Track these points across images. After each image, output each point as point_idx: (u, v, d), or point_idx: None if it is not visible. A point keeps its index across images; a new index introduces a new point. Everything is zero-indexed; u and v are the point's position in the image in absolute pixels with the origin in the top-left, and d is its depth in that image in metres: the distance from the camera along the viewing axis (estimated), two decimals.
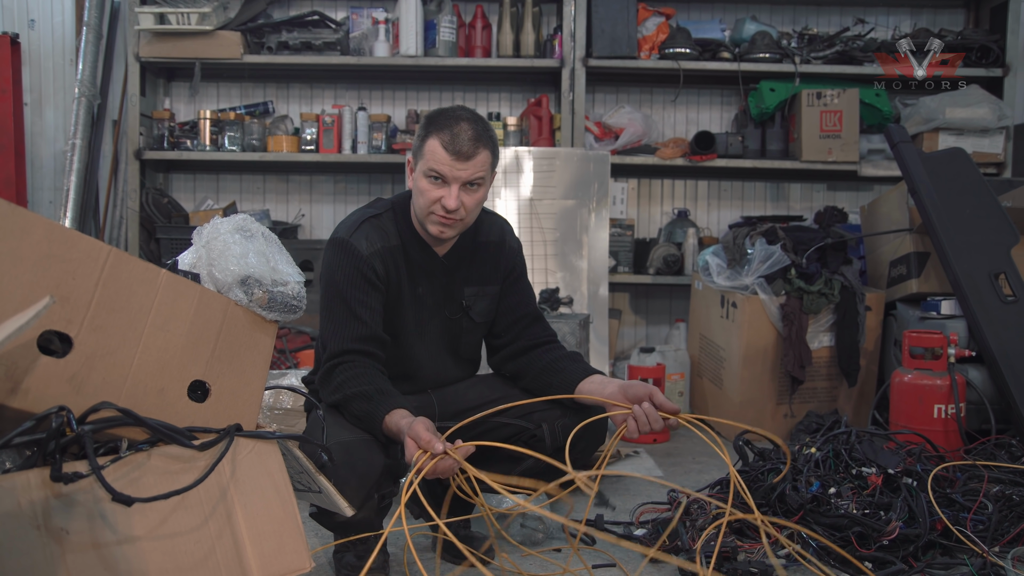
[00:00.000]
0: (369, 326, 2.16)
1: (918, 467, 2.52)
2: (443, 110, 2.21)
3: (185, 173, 5.01)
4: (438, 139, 2.15)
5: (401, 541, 2.42)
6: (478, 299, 2.36)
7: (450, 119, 2.16)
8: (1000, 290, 3.35)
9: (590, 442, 2.32)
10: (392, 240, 2.23)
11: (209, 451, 1.53)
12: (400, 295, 2.25)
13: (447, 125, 2.16)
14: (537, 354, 2.36)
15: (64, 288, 1.44)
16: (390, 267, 2.22)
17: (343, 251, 2.19)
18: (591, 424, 2.28)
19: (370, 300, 2.17)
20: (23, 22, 4.91)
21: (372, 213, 2.26)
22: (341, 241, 2.20)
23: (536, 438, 2.28)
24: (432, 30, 4.57)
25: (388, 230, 2.24)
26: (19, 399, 1.39)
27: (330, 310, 2.18)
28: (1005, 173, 4.51)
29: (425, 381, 2.35)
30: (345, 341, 2.14)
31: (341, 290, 2.16)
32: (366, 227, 2.22)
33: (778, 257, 3.76)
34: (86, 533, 1.38)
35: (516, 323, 2.39)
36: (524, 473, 2.23)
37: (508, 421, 2.29)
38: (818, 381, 3.84)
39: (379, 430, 2.06)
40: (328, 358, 2.16)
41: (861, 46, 4.66)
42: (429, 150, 2.16)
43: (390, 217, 2.26)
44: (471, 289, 2.34)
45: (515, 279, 2.42)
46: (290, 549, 1.58)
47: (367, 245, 2.19)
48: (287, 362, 4.00)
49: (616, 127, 4.64)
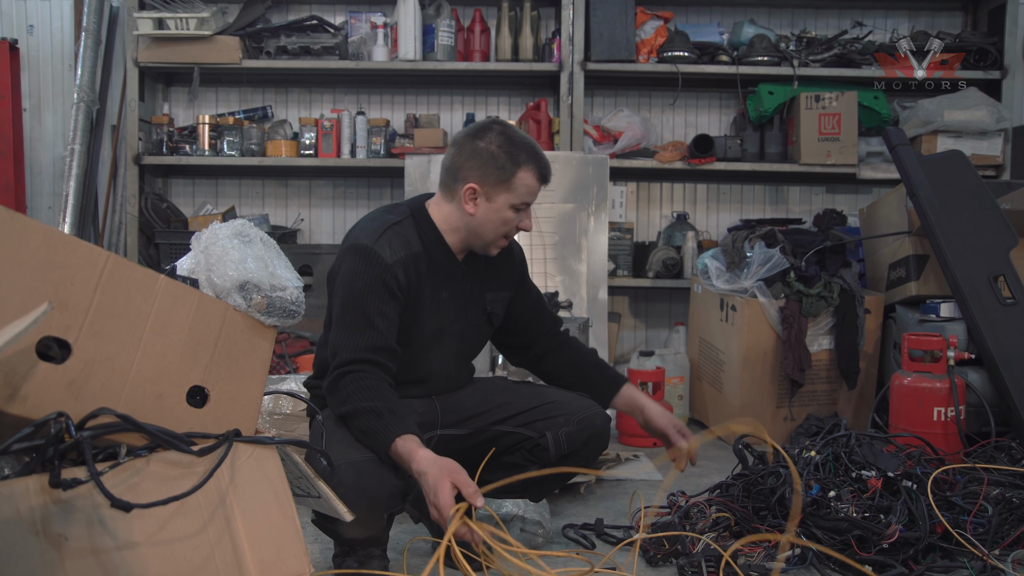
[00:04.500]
0: (384, 336, 2.11)
1: (918, 470, 2.52)
2: (508, 135, 2.19)
3: (184, 178, 5.01)
4: (532, 172, 2.18)
5: (401, 546, 2.42)
6: (497, 304, 2.37)
7: (529, 147, 2.19)
8: (999, 292, 3.35)
9: (594, 449, 2.32)
10: (414, 247, 2.20)
11: (208, 456, 1.53)
12: (421, 301, 2.22)
13: (533, 155, 2.19)
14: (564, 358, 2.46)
15: (63, 294, 1.44)
16: (411, 275, 2.18)
17: (367, 258, 2.14)
18: (594, 434, 2.28)
19: (388, 310, 2.13)
20: (22, 28, 4.91)
21: (393, 220, 2.22)
22: (365, 248, 2.15)
23: (540, 447, 2.27)
24: (431, 34, 4.58)
25: (410, 237, 2.21)
26: (18, 405, 1.39)
27: (345, 317, 2.12)
28: (1004, 175, 4.51)
29: (434, 387, 2.33)
30: (358, 350, 2.08)
31: (360, 297, 2.11)
32: (389, 234, 2.18)
33: (777, 260, 3.76)
34: (85, 539, 1.38)
35: (534, 322, 2.46)
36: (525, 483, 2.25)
37: (511, 430, 2.29)
38: (818, 384, 3.84)
39: (385, 451, 2.01)
40: (338, 365, 2.10)
41: (859, 49, 4.66)
42: (523, 183, 2.18)
43: (410, 224, 2.23)
44: (491, 295, 2.35)
45: (525, 280, 2.47)
46: (289, 554, 1.58)
47: (391, 253, 2.14)
48: (286, 367, 3.99)
49: (615, 131, 4.65)
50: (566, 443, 2.26)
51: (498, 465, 2.30)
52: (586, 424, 2.27)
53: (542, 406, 2.30)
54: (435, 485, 1.91)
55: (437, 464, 1.94)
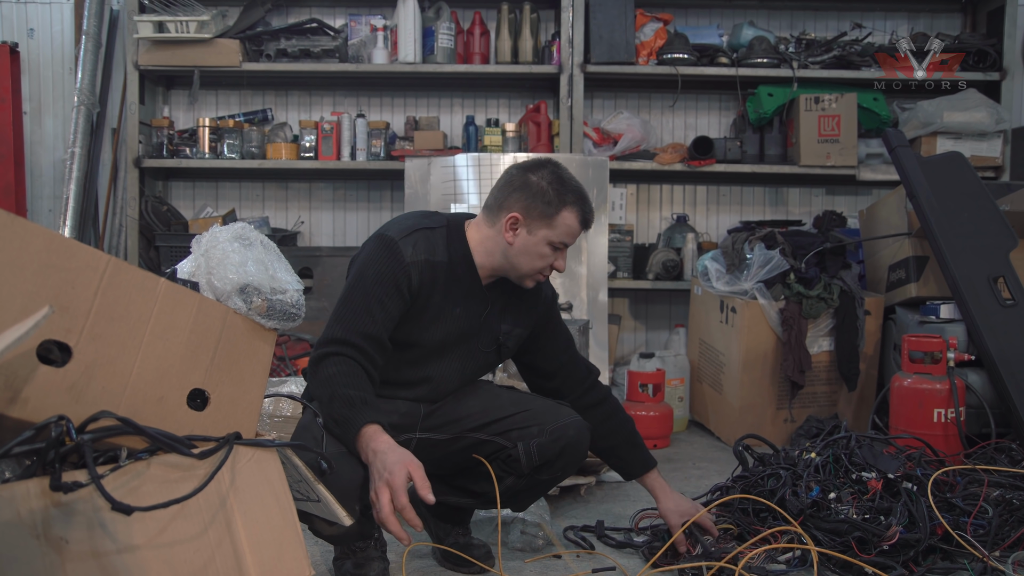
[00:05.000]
0: (378, 326, 2.11)
1: (918, 471, 2.52)
2: (560, 175, 2.21)
3: (184, 181, 5.02)
4: (576, 214, 2.20)
5: (400, 549, 2.42)
6: (510, 338, 2.34)
7: (578, 191, 2.22)
8: (999, 294, 3.35)
9: (569, 460, 2.29)
10: (438, 256, 2.20)
11: (208, 459, 1.53)
12: (429, 308, 2.21)
13: (580, 199, 2.21)
14: (601, 422, 2.44)
15: (63, 298, 1.44)
16: (426, 280, 2.18)
17: (386, 249, 2.15)
18: (568, 445, 2.26)
19: (390, 304, 2.13)
20: (22, 31, 4.92)
21: (428, 225, 2.23)
22: (389, 240, 2.16)
23: (512, 457, 2.26)
24: (430, 37, 4.58)
25: (437, 245, 2.21)
26: (18, 409, 1.39)
27: (348, 297, 2.14)
28: (1003, 177, 4.51)
29: (426, 395, 2.31)
30: (349, 332, 2.08)
31: (367, 283, 2.12)
32: (417, 235, 2.19)
33: (777, 262, 3.76)
34: (86, 542, 1.38)
35: (566, 366, 2.44)
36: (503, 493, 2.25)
37: (487, 438, 2.27)
38: (818, 386, 3.84)
39: (353, 439, 2.00)
40: (326, 341, 2.10)
41: (859, 51, 4.67)
42: (565, 224, 2.19)
43: (443, 234, 2.23)
44: (507, 327, 2.33)
45: (555, 323, 2.45)
46: (289, 557, 1.58)
47: (412, 252, 2.15)
48: (286, 369, 3.99)
49: (615, 133, 4.65)
50: (537, 454, 2.24)
51: (479, 475, 2.30)
52: (559, 435, 2.24)
53: (518, 414, 2.28)
54: (393, 466, 1.89)
55: (400, 451, 1.94)
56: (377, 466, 1.92)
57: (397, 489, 1.87)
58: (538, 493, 2.37)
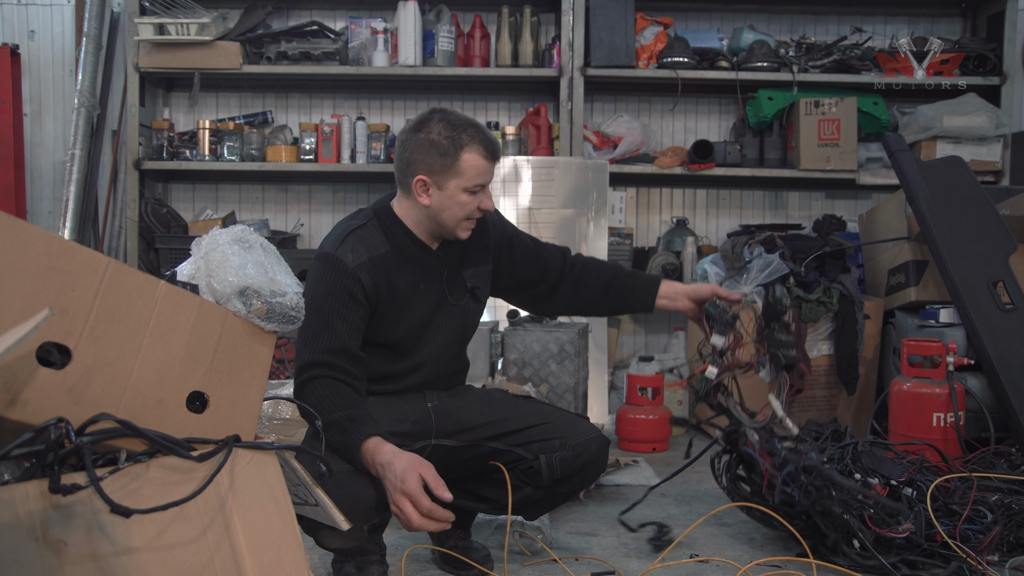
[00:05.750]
0: (342, 338, 2.11)
1: (918, 478, 2.52)
2: (448, 120, 2.18)
3: (184, 183, 5.02)
4: (476, 152, 2.16)
5: (400, 552, 2.42)
6: (478, 278, 2.36)
7: (470, 128, 2.17)
8: (998, 298, 3.35)
9: (589, 475, 2.30)
10: (380, 248, 2.20)
11: (208, 462, 1.53)
12: (396, 299, 2.21)
13: (474, 135, 2.17)
14: (588, 282, 2.46)
15: (63, 300, 1.44)
16: (379, 277, 2.18)
17: (328, 265, 2.16)
18: (590, 460, 2.27)
19: (349, 314, 2.13)
20: (23, 33, 4.92)
21: (356, 224, 2.23)
22: (326, 255, 2.17)
23: (532, 469, 2.26)
24: (431, 40, 4.58)
25: (375, 239, 2.21)
26: (18, 411, 1.39)
27: (307, 322, 2.10)
28: (1003, 181, 4.51)
29: (427, 376, 2.30)
30: (316, 352, 2.09)
31: (319, 302, 2.11)
32: (351, 239, 2.19)
33: (776, 266, 3.75)
34: (84, 545, 1.38)
35: (544, 263, 2.45)
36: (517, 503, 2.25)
37: (505, 448, 2.27)
38: (817, 389, 3.84)
39: (357, 462, 2.02)
40: (299, 369, 2.12)
41: (859, 55, 4.67)
42: (469, 165, 2.16)
43: (375, 226, 2.24)
44: (470, 271, 2.34)
45: (512, 240, 2.44)
46: (288, 560, 1.58)
47: (353, 258, 2.16)
48: (286, 372, 4.00)
49: (615, 136, 4.65)
50: (560, 468, 2.24)
51: (492, 481, 2.30)
52: (582, 450, 2.25)
53: (539, 426, 2.28)
54: (403, 473, 1.90)
55: (404, 456, 1.94)
56: (389, 478, 1.93)
57: (416, 496, 1.89)
58: (553, 505, 2.37)
